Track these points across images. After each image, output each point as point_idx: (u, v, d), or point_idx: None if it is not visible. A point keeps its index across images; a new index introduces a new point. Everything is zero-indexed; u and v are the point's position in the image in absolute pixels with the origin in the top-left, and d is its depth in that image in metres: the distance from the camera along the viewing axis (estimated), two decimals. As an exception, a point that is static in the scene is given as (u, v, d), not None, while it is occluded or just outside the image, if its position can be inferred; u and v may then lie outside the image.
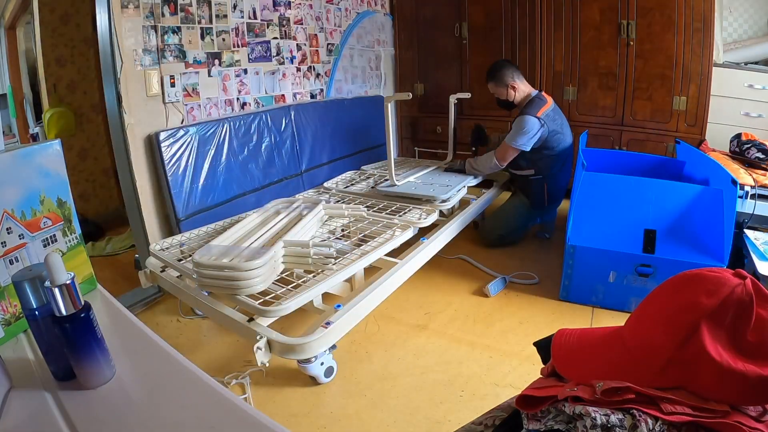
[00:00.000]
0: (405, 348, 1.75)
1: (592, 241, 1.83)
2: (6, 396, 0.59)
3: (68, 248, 0.81)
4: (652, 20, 2.81)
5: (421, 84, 3.81)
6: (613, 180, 1.91)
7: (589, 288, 1.89)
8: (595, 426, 0.49)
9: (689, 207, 1.80)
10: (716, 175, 2.05)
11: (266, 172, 2.54)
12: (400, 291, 1.79)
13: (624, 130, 3.09)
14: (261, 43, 2.58)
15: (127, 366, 0.65)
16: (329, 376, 1.55)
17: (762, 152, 2.53)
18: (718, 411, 0.49)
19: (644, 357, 0.55)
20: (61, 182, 0.80)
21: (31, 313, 0.61)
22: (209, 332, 1.89)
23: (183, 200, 2.10)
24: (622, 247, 1.78)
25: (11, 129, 2.54)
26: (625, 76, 2.99)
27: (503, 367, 1.62)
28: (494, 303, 2.04)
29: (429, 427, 1.37)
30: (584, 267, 1.85)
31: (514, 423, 0.64)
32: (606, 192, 1.88)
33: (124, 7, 1.89)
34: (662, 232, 1.77)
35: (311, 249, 1.54)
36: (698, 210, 1.79)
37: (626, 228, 1.81)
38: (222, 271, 1.41)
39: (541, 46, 3.21)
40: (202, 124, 2.19)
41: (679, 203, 1.81)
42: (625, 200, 1.86)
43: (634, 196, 1.86)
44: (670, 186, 1.85)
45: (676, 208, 1.80)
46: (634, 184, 1.89)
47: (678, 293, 0.55)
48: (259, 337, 1.33)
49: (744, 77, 2.79)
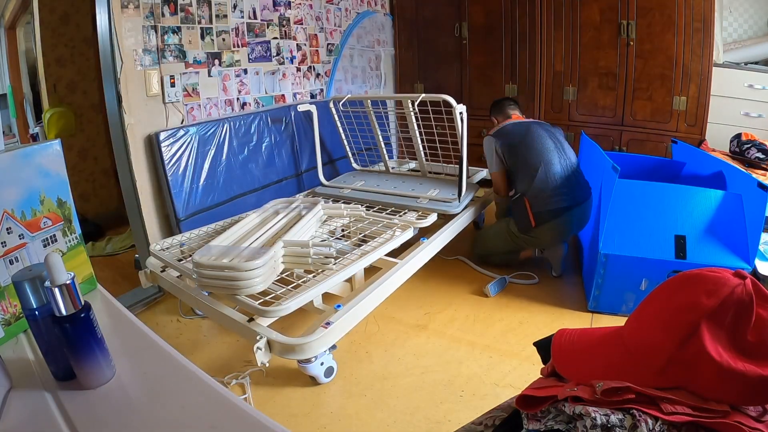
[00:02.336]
0: (405, 348, 1.75)
1: (624, 248, 1.80)
2: (6, 396, 0.59)
3: (68, 248, 0.81)
4: (652, 20, 2.82)
5: (421, 84, 3.81)
6: (644, 187, 1.88)
7: (619, 297, 1.86)
8: (595, 426, 0.49)
9: (713, 211, 1.80)
10: (728, 176, 2.05)
11: (266, 172, 2.54)
12: (400, 291, 1.79)
13: (624, 130, 3.09)
14: (261, 43, 2.58)
15: (127, 366, 0.65)
16: (329, 376, 1.55)
17: (762, 152, 2.54)
18: (718, 411, 0.49)
19: (644, 357, 0.55)
20: (61, 182, 0.80)
21: (31, 313, 0.61)
22: (209, 332, 1.89)
23: (183, 200, 2.10)
24: (654, 254, 1.77)
25: (11, 129, 2.55)
26: (625, 76, 2.99)
27: (503, 367, 1.62)
28: (494, 303, 2.04)
29: (429, 427, 1.37)
30: (616, 276, 1.82)
31: (514, 423, 0.64)
32: (637, 199, 1.86)
33: (124, 7, 1.89)
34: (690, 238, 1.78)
35: (311, 249, 1.54)
36: (722, 214, 1.79)
37: (656, 234, 1.80)
38: (222, 271, 1.41)
39: (541, 46, 3.22)
40: (202, 124, 2.19)
41: (703, 208, 1.81)
42: (654, 207, 1.84)
43: (662, 202, 1.85)
44: (694, 191, 1.84)
45: (700, 213, 1.80)
46: (662, 191, 1.88)
47: (678, 293, 0.55)
48: (259, 338, 1.33)
49: (744, 77, 2.79)
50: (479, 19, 3.43)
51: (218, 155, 2.26)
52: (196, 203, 2.15)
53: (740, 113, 2.83)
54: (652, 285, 1.80)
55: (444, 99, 2.13)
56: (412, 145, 2.58)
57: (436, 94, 2.17)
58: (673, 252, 1.77)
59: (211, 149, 2.23)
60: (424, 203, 2.22)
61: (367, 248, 1.75)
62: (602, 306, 1.91)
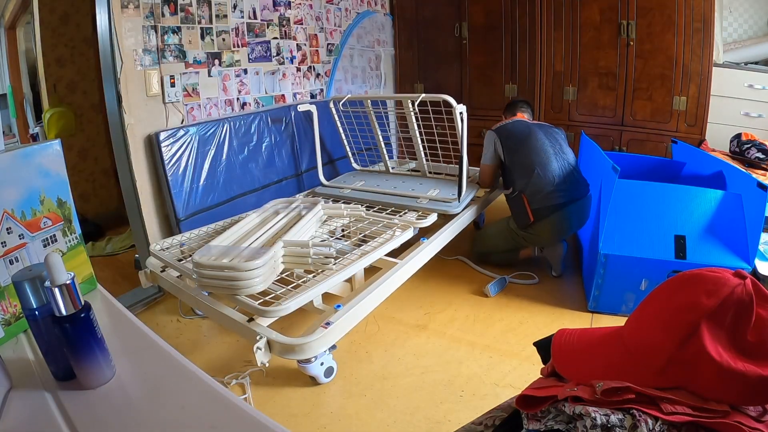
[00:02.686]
0: (405, 348, 1.75)
1: (624, 249, 1.81)
2: (6, 396, 0.59)
3: (68, 248, 0.81)
4: (652, 20, 2.82)
5: (421, 84, 3.81)
6: (644, 187, 1.88)
7: (619, 297, 1.87)
8: (595, 426, 0.49)
9: (712, 211, 1.80)
10: (728, 176, 2.05)
11: (266, 172, 2.54)
12: (400, 291, 1.79)
13: (624, 130, 3.09)
14: (261, 43, 2.58)
15: (127, 366, 0.65)
16: (329, 376, 1.55)
17: (762, 152, 2.54)
18: (718, 411, 0.49)
19: (644, 357, 0.55)
20: (61, 182, 0.80)
21: (31, 313, 0.61)
22: (209, 332, 1.89)
23: (183, 200, 2.10)
24: (654, 254, 1.77)
25: (11, 129, 2.55)
26: (625, 76, 2.99)
27: (503, 367, 1.62)
28: (494, 303, 2.04)
29: (429, 427, 1.37)
30: (616, 276, 1.83)
31: (514, 423, 0.64)
32: (636, 199, 1.86)
33: (124, 7, 1.89)
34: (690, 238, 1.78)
35: (311, 249, 1.54)
36: (721, 214, 1.80)
37: (656, 234, 1.80)
38: (222, 271, 1.41)
39: (541, 46, 3.22)
40: (202, 124, 2.19)
41: (703, 208, 1.81)
42: (654, 207, 1.85)
43: (662, 202, 1.85)
44: (694, 192, 1.85)
45: (700, 213, 1.81)
46: (662, 191, 1.88)
47: (678, 293, 0.55)
48: (259, 338, 1.33)
49: (744, 77, 2.79)
50: (479, 19, 3.43)
51: (218, 155, 2.26)
52: (196, 203, 2.15)
53: (740, 113, 2.83)
54: (652, 285, 1.81)
55: (444, 99, 2.13)
56: (412, 145, 2.58)
57: (436, 94, 2.17)
58: (672, 252, 1.77)
59: (211, 149, 2.23)
60: (424, 203, 2.22)
61: (367, 248, 1.75)
62: (602, 306, 1.91)
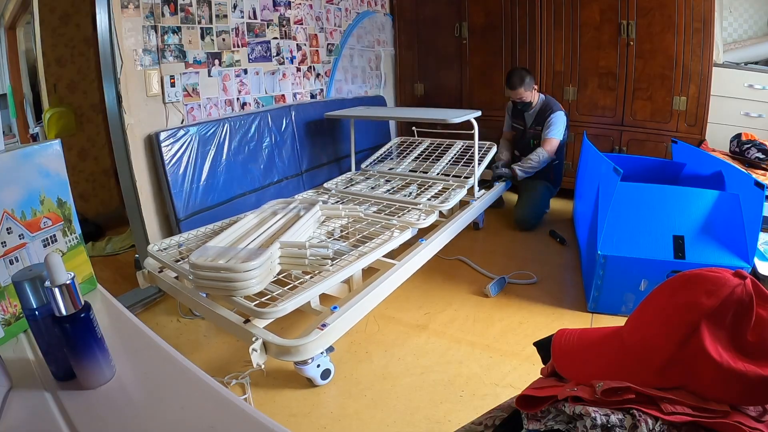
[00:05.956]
0: (405, 348, 1.75)
1: (623, 249, 1.81)
2: (6, 396, 0.59)
3: (68, 248, 0.81)
4: (652, 20, 2.81)
5: (421, 84, 3.81)
6: (644, 189, 1.89)
7: (619, 298, 1.87)
8: (595, 426, 0.49)
9: (710, 211, 1.81)
10: (727, 176, 2.05)
11: (266, 172, 2.54)
12: (400, 291, 1.79)
13: (624, 130, 3.09)
14: (261, 43, 2.58)
15: (127, 366, 0.65)
16: (326, 378, 1.54)
17: (762, 152, 2.54)
18: (718, 411, 0.49)
19: (644, 357, 0.55)
20: (61, 182, 0.80)
21: (31, 313, 0.61)
22: (209, 332, 1.89)
23: (183, 200, 2.10)
24: (653, 255, 1.78)
25: (11, 129, 2.54)
26: (625, 76, 2.99)
27: (503, 367, 1.62)
28: (494, 303, 2.04)
29: (429, 427, 1.37)
30: (615, 277, 1.83)
31: (514, 423, 0.64)
32: (635, 201, 1.87)
33: (124, 7, 1.89)
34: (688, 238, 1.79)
35: (308, 250, 1.53)
36: (719, 214, 1.80)
37: (654, 235, 1.81)
38: (218, 272, 1.40)
39: (541, 46, 3.21)
40: (202, 124, 2.19)
41: (701, 208, 1.82)
42: (652, 208, 1.86)
43: (660, 203, 1.86)
44: (691, 192, 1.85)
45: (698, 214, 1.81)
46: (660, 192, 1.89)
47: (678, 293, 0.55)
48: (255, 339, 1.33)
49: (744, 77, 2.79)
50: (479, 19, 3.43)
51: (218, 155, 2.26)
52: (196, 203, 2.15)
53: (740, 113, 2.83)
54: (652, 285, 1.81)
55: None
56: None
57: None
58: (671, 252, 1.77)
59: (211, 149, 2.23)
60: (424, 203, 2.22)
61: (365, 249, 1.75)
62: (602, 306, 1.91)
